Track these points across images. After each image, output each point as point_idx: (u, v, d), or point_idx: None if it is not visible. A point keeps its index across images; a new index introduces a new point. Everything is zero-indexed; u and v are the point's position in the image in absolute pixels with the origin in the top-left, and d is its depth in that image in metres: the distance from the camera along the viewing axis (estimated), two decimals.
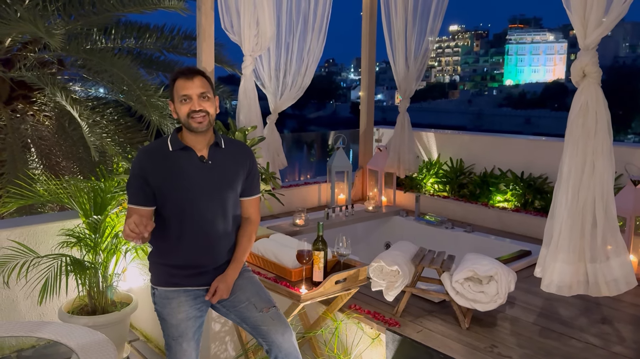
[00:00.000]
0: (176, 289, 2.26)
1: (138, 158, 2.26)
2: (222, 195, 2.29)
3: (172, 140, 2.26)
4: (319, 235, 2.61)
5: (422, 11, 4.77)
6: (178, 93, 2.21)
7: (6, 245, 3.20)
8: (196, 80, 2.21)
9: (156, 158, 2.24)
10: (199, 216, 2.24)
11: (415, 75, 4.92)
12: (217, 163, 2.28)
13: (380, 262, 2.64)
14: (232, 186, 2.33)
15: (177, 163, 2.22)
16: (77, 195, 3.36)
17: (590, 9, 2.10)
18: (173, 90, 2.24)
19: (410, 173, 5.07)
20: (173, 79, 2.25)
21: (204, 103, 2.21)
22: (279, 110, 4.53)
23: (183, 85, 2.20)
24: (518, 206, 4.47)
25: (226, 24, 3.90)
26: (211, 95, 2.26)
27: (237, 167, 2.35)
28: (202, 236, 2.26)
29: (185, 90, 2.19)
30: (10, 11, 5.36)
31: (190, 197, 2.21)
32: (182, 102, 2.20)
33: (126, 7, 5.71)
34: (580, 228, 2.24)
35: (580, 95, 2.22)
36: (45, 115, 6.20)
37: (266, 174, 3.72)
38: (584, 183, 2.21)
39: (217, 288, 2.24)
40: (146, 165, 2.22)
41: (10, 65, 5.91)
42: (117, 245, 3.36)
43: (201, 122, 2.20)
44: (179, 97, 2.20)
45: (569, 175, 2.23)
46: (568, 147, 2.24)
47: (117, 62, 5.66)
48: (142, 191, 2.21)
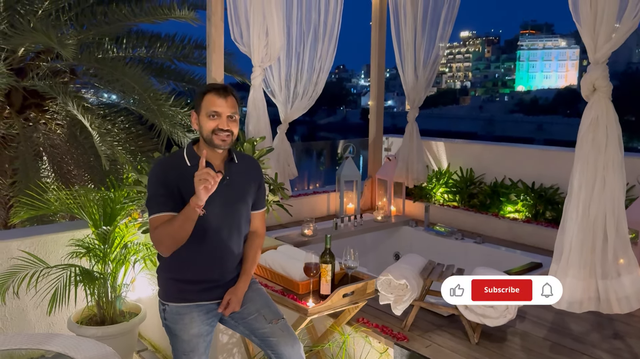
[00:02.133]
0: (188, 304, 2.24)
1: (157, 169, 2.23)
2: (237, 210, 2.29)
3: (189, 154, 2.24)
4: (327, 248, 2.60)
5: (432, 19, 4.77)
6: (208, 107, 2.18)
7: (17, 255, 3.23)
8: (229, 100, 2.20)
9: (176, 170, 2.20)
10: (214, 232, 2.22)
11: (424, 84, 4.91)
12: (232, 179, 2.28)
13: (388, 276, 2.63)
14: (246, 201, 2.34)
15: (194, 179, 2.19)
16: (87, 205, 3.38)
17: (600, 23, 2.08)
18: (201, 102, 2.21)
19: (419, 183, 5.05)
20: (204, 92, 2.22)
21: (231, 123, 2.20)
22: (289, 119, 4.54)
23: (215, 102, 2.18)
24: (529, 217, 4.43)
25: (236, 35, 3.92)
26: (238, 116, 2.26)
27: (250, 182, 2.36)
28: (216, 251, 2.26)
29: (216, 107, 2.18)
30: (23, 22, 5.44)
31: (207, 213, 2.17)
32: (210, 117, 2.18)
33: (137, 17, 5.75)
34: (591, 243, 2.21)
35: (590, 110, 2.19)
36: (57, 124, 6.26)
37: (274, 185, 3.72)
38: (594, 198, 2.18)
39: (230, 301, 2.24)
40: (167, 173, 2.19)
41: (24, 75, 5.98)
42: (125, 255, 3.37)
43: (225, 140, 2.19)
44: (208, 111, 2.18)
45: (580, 190, 2.20)
46: (578, 162, 2.22)
47: (128, 71, 5.70)
48: (165, 198, 2.14)
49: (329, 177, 7.31)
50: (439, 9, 4.71)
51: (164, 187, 2.15)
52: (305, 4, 4.43)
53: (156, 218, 2.14)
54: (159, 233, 2.12)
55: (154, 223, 2.15)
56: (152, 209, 2.17)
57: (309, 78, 4.54)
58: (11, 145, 5.82)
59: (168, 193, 2.14)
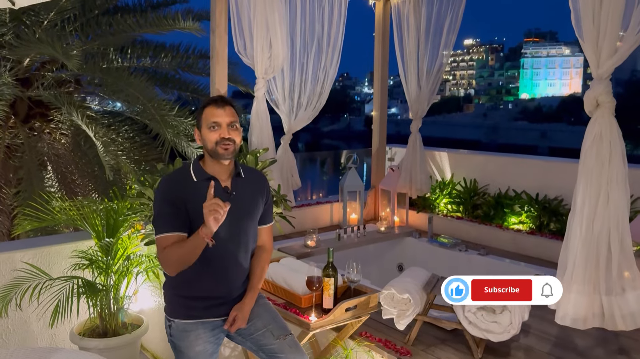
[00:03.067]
0: (194, 321, 2.23)
1: (163, 186, 2.22)
2: (244, 226, 2.28)
3: (196, 170, 2.22)
4: (329, 261, 2.59)
5: (435, 29, 4.77)
6: (208, 120, 2.19)
7: (20, 266, 3.23)
8: (227, 109, 2.20)
9: (182, 186, 2.19)
10: (221, 248, 2.19)
11: (428, 95, 4.91)
12: (239, 193, 2.26)
13: (391, 290, 2.61)
14: (253, 217, 2.33)
15: (201, 194, 2.12)
16: (90, 217, 3.39)
17: (603, 39, 2.07)
18: (202, 117, 2.21)
19: (423, 193, 5.04)
20: (203, 106, 2.23)
21: (232, 132, 2.19)
22: (293, 130, 4.54)
23: (214, 113, 2.18)
24: (533, 229, 4.41)
25: (239, 47, 3.94)
26: (239, 125, 2.25)
27: (257, 196, 2.34)
28: (222, 268, 2.24)
29: (215, 118, 2.18)
30: (29, 32, 5.49)
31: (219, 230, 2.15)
32: (211, 129, 2.17)
33: (142, 27, 5.79)
34: (595, 259, 2.19)
35: (594, 125, 2.19)
36: (62, 133, 6.29)
37: (277, 196, 3.71)
38: (598, 214, 2.17)
39: (236, 317, 2.22)
40: (173, 190, 2.17)
41: (29, 85, 6.02)
42: (128, 267, 3.37)
43: (227, 148, 2.17)
44: (209, 123, 2.18)
45: (583, 205, 2.19)
46: (582, 177, 2.21)
47: (132, 81, 5.73)
48: (173, 217, 2.12)
49: (332, 186, 7.32)
50: (442, 19, 4.71)
51: (170, 205, 2.14)
52: (309, 16, 4.44)
53: (163, 238, 2.13)
54: (166, 256, 2.11)
55: (161, 243, 2.14)
56: (159, 228, 2.15)
57: (313, 89, 4.56)
58: (16, 155, 5.85)
59: (174, 212, 2.13)
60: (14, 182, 5.80)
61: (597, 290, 2.21)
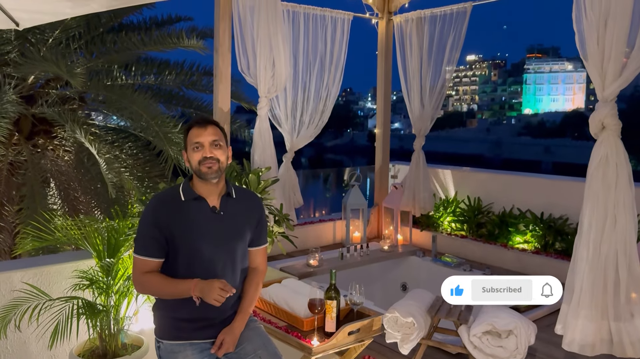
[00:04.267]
0: (182, 343, 2.21)
1: (150, 206, 2.24)
2: (231, 246, 2.27)
3: (184, 189, 2.25)
4: (332, 283, 2.56)
5: (438, 48, 4.76)
6: (191, 141, 2.22)
7: (19, 287, 3.20)
8: (209, 129, 2.22)
9: (169, 207, 2.22)
10: (208, 268, 2.20)
11: (431, 113, 4.90)
12: (228, 213, 2.26)
13: (394, 313, 2.57)
14: (242, 237, 2.31)
15: (189, 214, 2.19)
16: (91, 236, 3.36)
17: (608, 61, 2.06)
18: (187, 139, 2.25)
19: (426, 211, 5.01)
20: (187, 129, 2.26)
21: (216, 150, 2.20)
22: (295, 148, 4.53)
23: (196, 133, 2.21)
24: (538, 248, 4.36)
25: (242, 67, 3.94)
26: (223, 143, 2.25)
27: (247, 217, 2.33)
28: None
29: (197, 138, 2.20)
30: (34, 50, 5.52)
31: (200, 248, 2.18)
32: (194, 150, 2.20)
33: (147, 45, 5.83)
34: (602, 284, 2.15)
35: (599, 147, 2.16)
36: (65, 150, 6.30)
37: (279, 216, 3.69)
38: (605, 238, 2.13)
39: (224, 341, 2.20)
40: (159, 213, 2.20)
41: (33, 102, 6.05)
42: (129, 287, 3.33)
43: (210, 166, 2.18)
44: (192, 144, 2.21)
45: (590, 229, 2.15)
46: (588, 200, 2.18)
47: (136, 98, 5.75)
48: (154, 242, 2.17)
49: (334, 203, 7.29)
50: (445, 37, 4.71)
51: (154, 228, 2.17)
52: (312, 35, 4.46)
53: (141, 260, 2.19)
54: (144, 283, 2.20)
55: (138, 264, 2.20)
56: (139, 249, 2.21)
57: (315, 107, 4.56)
58: (19, 172, 5.86)
59: (157, 236, 2.17)
60: (16, 199, 5.80)
61: (605, 316, 2.16)
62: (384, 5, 5.06)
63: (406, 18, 4.88)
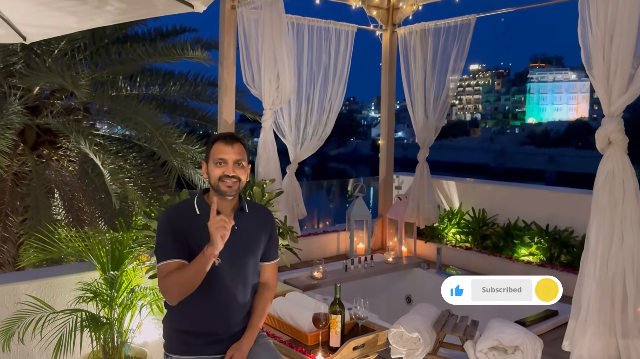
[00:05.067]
0: (191, 358, 2.20)
1: (165, 216, 2.23)
2: (243, 261, 2.26)
3: (199, 203, 2.24)
4: (336, 298, 2.55)
5: (442, 60, 4.76)
6: (215, 155, 2.21)
7: (23, 299, 3.19)
8: (235, 147, 2.21)
9: (183, 218, 2.21)
10: (220, 283, 2.19)
11: (435, 124, 4.89)
12: (241, 228, 2.25)
13: (400, 328, 2.55)
14: (254, 253, 2.31)
15: (203, 227, 2.13)
16: (95, 248, 3.36)
17: (614, 78, 2.05)
18: (210, 151, 2.24)
19: (430, 223, 4.99)
20: (212, 141, 2.25)
21: (238, 170, 2.21)
22: (299, 160, 4.53)
23: (221, 149, 2.20)
24: (543, 261, 4.34)
25: (247, 79, 3.96)
26: (246, 163, 2.26)
27: (260, 232, 2.33)
28: (220, 304, 2.21)
29: (222, 154, 2.19)
30: (39, 61, 5.56)
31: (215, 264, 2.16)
32: (216, 165, 2.19)
33: (152, 56, 5.86)
34: (610, 301, 2.13)
35: (606, 163, 2.15)
36: (70, 160, 6.31)
37: (284, 228, 3.68)
38: (612, 254, 2.11)
39: (233, 357, 2.18)
40: (174, 222, 2.19)
41: (38, 112, 6.08)
42: (132, 299, 3.33)
43: (231, 186, 2.19)
44: (215, 159, 2.20)
45: (597, 245, 2.14)
46: (595, 216, 2.16)
47: (141, 109, 5.77)
48: (174, 245, 2.12)
49: (338, 213, 7.28)
50: (449, 49, 4.70)
51: (171, 234, 2.15)
52: (316, 47, 4.47)
53: (164, 265, 2.13)
54: (168, 282, 2.09)
55: (162, 270, 2.13)
56: (161, 256, 2.16)
57: (319, 119, 4.56)
58: (23, 182, 5.87)
59: (175, 240, 2.14)
60: (20, 210, 5.81)
61: (612, 332, 2.14)
62: (387, 17, 5.07)
63: (410, 30, 4.89)
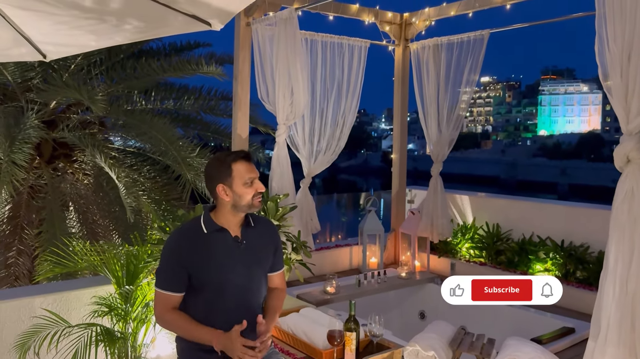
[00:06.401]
0: None
1: (173, 239, 2.26)
2: (254, 275, 2.29)
3: (206, 221, 2.26)
4: (351, 314, 2.54)
5: (455, 74, 4.76)
6: (243, 176, 2.21)
7: (39, 313, 3.22)
8: (253, 164, 2.28)
9: (191, 239, 2.22)
10: (232, 299, 2.21)
11: (448, 139, 4.89)
12: (249, 243, 2.29)
13: (415, 346, 2.54)
14: (262, 266, 2.35)
15: (211, 247, 2.20)
16: (110, 263, 3.38)
17: (632, 96, 2.04)
18: (231, 173, 2.20)
19: (444, 238, 4.96)
20: (230, 162, 2.22)
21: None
22: (312, 174, 4.54)
23: (248, 168, 2.23)
24: (559, 277, 4.28)
25: (262, 94, 3.99)
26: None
27: (266, 245, 2.37)
28: (233, 319, 2.21)
29: (251, 173, 2.23)
30: (56, 76, 5.64)
31: (225, 280, 2.19)
32: (248, 185, 2.21)
33: (166, 72, 5.93)
34: (630, 321, 2.10)
35: (624, 181, 2.13)
36: (85, 174, 6.38)
37: (297, 243, 3.68)
38: (632, 274, 2.09)
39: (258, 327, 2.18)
40: (182, 246, 2.21)
41: (54, 126, 6.16)
42: (147, 314, 3.33)
43: (260, 200, 2.27)
44: (245, 180, 2.21)
45: (616, 264, 2.11)
46: (614, 235, 2.14)
47: (156, 123, 5.83)
48: (176, 276, 2.18)
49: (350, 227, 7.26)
50: (462, 64, 4.70)
51: (175, 263, 2.19)
52: (330, 62, 4.50)
53: (163, 295, 2.20)
54: (168, 320, 2.20)
55: (159, 298, 2.21)
56: (160, 282, 2.22)
57: (332, 134, 4.57)
58: (39, 196, 5.93)
59: (178, 271, 2.18)
60: (36, 223, 5.87)
61: (633, 354, 2.11)
62: (400, 32, 5.10)
63: (423, 45, 4.90)
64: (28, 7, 2.12)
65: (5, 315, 3.21)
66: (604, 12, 2.11)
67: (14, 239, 5.80)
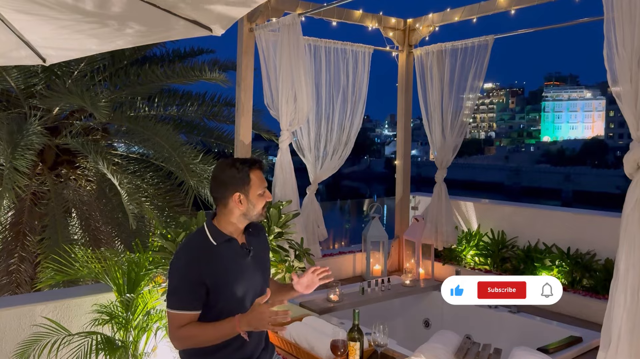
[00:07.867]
0: None
1: (184, 255, 2.12)
2: (265, 281, 2.28)
3: (212, 232, 2.14)
4: (355, 324, 2.50)
5: (459, 80, 4.73)
6: (259, 186, 2.12)
7: (39, 321, 3.19)
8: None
9: (205, 253, 2.10)
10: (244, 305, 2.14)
11: (452, 145, 4.85)
12: (254, 249, 2.26)
13: (421, 356, 2.49)
14: (266, 267, 2.35)
15: (225, 257, 2.10)
16: (111, 270, 3.35)
17: None
18: (250, 181, 2.10)
19: (448, 245, 4.91)
20: (249, 170, 2.10)
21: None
22: (318, 180, 4.50)
23: (262, 178, 2.14)
24: (565, 285, 4.22)
25: (267, 100, 3.97)
26: None
27: (264, 247, 2.37)
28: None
29: (264, 182, 2.14)
30: (59, 83, 5.63)
31: (238, 289, 2.13)
32: (261, 196, 2.13)
33: (170, 78, 5.92)
34: None
35: (635, 189, 2.09)
36: (88, 180, 6.36)
37: (300, 250, 3.64)
38: None
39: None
40: (199, 261, 2.07)
41: (57, 133, 6.15)
42: (148, 322, 3.30)
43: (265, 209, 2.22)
44: (260, 190, 2.12)
45: (627, 273, 2.07)
46: (624, 243, 2.10)
47: (159, 130, 5.81)
48: (193, 294, 2.04)
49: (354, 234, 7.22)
50: (467, 70, 4.67)
51: (188, 282, 2.04)
52: (334, 68, 4.48)
53: (179, 315, 2.04)
54: (185, 335, 2.04)
55: (175, 320, 2.04)
56: (174, 303, 2.05)
57: (339, 139, 4.54)
58: (41, 202, 5.91)
59: (192, 290, 2.03)
60: (38, 229, 5.84)
61: None
62: (404, 38, 5.07)
63: (427, 51, 4.87)
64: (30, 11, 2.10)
65: (6, 323, 3.18)
66: (612, 16, 2.07)
67: (16, 246, 5.77)
